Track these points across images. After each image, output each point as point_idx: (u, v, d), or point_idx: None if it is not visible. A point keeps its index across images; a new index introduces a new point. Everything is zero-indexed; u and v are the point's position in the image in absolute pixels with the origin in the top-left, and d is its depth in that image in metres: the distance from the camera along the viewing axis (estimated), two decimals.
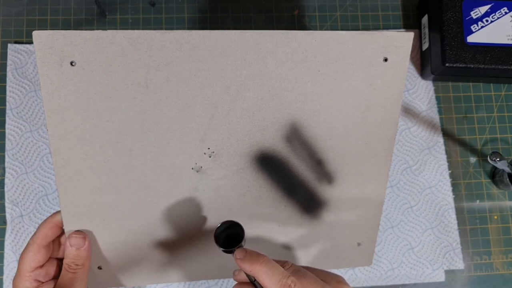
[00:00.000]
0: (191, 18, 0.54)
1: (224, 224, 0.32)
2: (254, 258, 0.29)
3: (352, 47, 0.34)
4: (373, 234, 0.41)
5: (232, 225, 0.32)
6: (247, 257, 0.30)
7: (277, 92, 0.34)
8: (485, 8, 0.50)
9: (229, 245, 0.31)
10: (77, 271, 0.34)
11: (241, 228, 0.32)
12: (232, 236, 0.32)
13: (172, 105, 0.33)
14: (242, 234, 0.32)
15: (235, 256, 0.30)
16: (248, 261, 0.29)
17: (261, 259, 0.29)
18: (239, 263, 0.30)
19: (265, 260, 0.29)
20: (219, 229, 0.32)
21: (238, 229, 0.32)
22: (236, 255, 0.30)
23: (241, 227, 0.32)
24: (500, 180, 0.51)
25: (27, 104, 0.49)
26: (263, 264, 0.29)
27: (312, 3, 0.55)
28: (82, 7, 0.53)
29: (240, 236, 0.31)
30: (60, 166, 0.34)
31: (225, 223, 0.32)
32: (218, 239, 0.32)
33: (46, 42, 0.31)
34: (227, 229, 0.32)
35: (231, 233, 0.32)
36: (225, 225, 0.32)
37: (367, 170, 0.38)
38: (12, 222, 0.47)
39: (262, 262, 0.29)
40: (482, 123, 0.54)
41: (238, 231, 0.32)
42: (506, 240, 0.51)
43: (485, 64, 0.49)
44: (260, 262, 0.29)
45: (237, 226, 0.32)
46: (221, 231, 0.32)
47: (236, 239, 0.31)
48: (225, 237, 0.32)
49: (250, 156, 0.36)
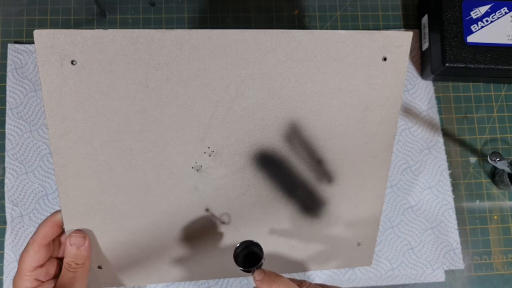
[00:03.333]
0: (191, 18, 0.54)
1: (243, 243, 0.33)
2: (273, 279, 0.30)
3: (351, 47, 0.34)
4: (373, 234, 0.41)
5: (251, 245, 0.33)
6: (266, 279, 0.30)
7: (277, 91, 0.34)
8: (485, 8, 0.50)
9: (248, 264, 0.32)
10: (77, 270, 0.34)
11: (259, 248, 0.32)
12: (250, 255, 0.32)
13: (172, 104, 0.34)
14: (261, 254, 0.32)
15: (254, 277, 0.31)
16: (267, 282, 0.30)
17: (279, 280, 0.30)
18: (258, 284, 0.31)
19: (283, 282, 0.30)
20: (238, 248, 0.33)
21: (256, 249, 0.32)
22: (255, 276, 0.31)
23: (259, 247, 0.32)
24: (500, 180, 0.51)
25: (27, 104, 0.49)
26: (281, 286, 0.30)
27: (312, 3, 0.55)
28: (82, 7, 0.53)
29: (259, 256, 0.32)
30: (61, 165, 0.34)
31: (245, 243, 0.33)
32: (237, 258, 0.32)
33: (47, 41, 0.31)
34: (246, 248, 0.33)
35: (250, 252, 0.33)
36: (245, 245, 0.33)
37: (367, 169, 0.38)
38: (12, 222, 0.47)
39: (280, 283, 0.30)
40: (482, 123, 0.54)
41: (256, 251, 0.32)
42: (506, 240, 0.51)
43: (485, 64, 0.49)
44: (278, 284, 0.30)
45: (256, 246, 0.32)
46: (240, 250, 0.33)
47: (254, 258, 0.32)
48: (244, 256, 0.33)
49: (250, 155, 0.36)
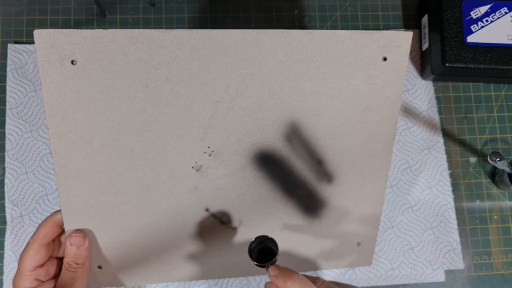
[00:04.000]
0: (191, 18, 0.54)
1: (258, 238, 0.33)
2: (288, 275, 0.31)
3: (351, 47, 0.34)
4: (373, 234, 0.41)
5: (266, 240, 0.33)
6: (281, 274, 0.31)
7: (277, 91, 0.34)
8: (485, 8, 0.50)
9: (262, 259, 0.32)
10: (77, 270, 0.34)
11: (274, 243, 0.32)
12: (265, 250, 0.33)
13: (172, 104, 0.34)
14: (275, 249, 0.32)
15: (269, 273, 0.31)
16: (282, 278, 0.31)
17: (294, 276, 0.30)
18: (273, 280, 0.31)
19: (298, 278, 0.30)
20: (253, 243, 0.33)
21: (271, 244, 0.33)
22: (270, 272, 0.31)
23: (274, 242, 0.32)
24: (500, 180, 0.51)
25: (27, 104, 0.49)
26: (296, 282, 0.30)
27: (312, 3, 0.55)
28: (82, 7, 0.53)
29: (274, 251, 0.32)
30: (61, 165, 0.34)
31: (259, 238, 0.33)
32: (252, 253, 0.32)
33: (47, 41, 0.31)
34: (261, 243, 0.33)
35: (264, 247, 0.33)
36: (259, 240, 0.33)
37: (367, 169, 0.38)
38: (12, 222, 0.47)
39: (295, 279, 0.30)
40: (482, 123, 0.54)
41: (271, 246, 0.32)
42: (506, 240, 0.51)
43: (485, 64, 0.49)
44: (293, 280, 0.30)
45: (271, 241, 0.33)
46: (255, 245, 0.33)
47: (268, 253, 0.32)
48: (259, 250, 0.33)
49: (250, 155, 0.36)
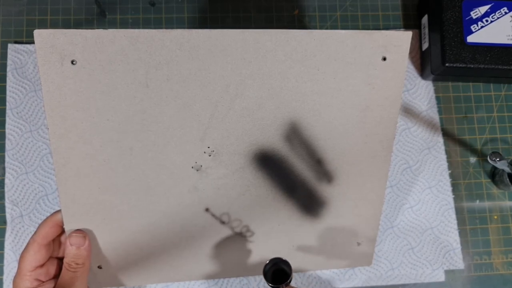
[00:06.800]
0: (191, 18, 0.54)
1: (272, 260, 0.34)
2: None
3: (351, 46, 0.34)
4: (373, 234, 0.41)
5: (280, 262, 0.34)
6: None
7: (277, 91, 0.34)
8: (485, 8, 0.50)
9: (277, 281, 0.33)
10: (77, 270, 0.34)
11: (288, 265, 0.33)
12: (279, 272, 0.34)
13: (172, 104, 0.34)
14: (289, 271, 0.33)
15: None
16: None
17: None
18: None
19: None
20: (268, 265, 0.34)
21: (285, 266, 0.34)
22: None
23: (288, 264, 0.33)
24: (500, 180, 0.51)
25: (27, 104, 0.49)
26: None
27: (312, 3, 0.55)
28: (82, 7, 0.53)
29: (287, 273, 0.33)
30: (61, 165, 0.34)
31: (274, 260, 0.34)
32: (267, 275, 0.33)
33: (47, 41, 0.31)
34: (275, 265, 0.34)
35: (278, 269, 0.34)
36: (274, 261, 0.34)
37: (367, 169, 0.38)
38: (12, 222, 0.47)
39: None
40: (482, 123, 0.54)
41: (285, 268, 0.34)
42: (506, 240, 0.51)
43: (485, 64, 0.49)
44: None
45: (284, 263, 0.34)
46: (269, 267, 0.34)
47: (282, 275, 0.33)
48: (273, 272, 0.34)
49: (250, 155, 0.36)
